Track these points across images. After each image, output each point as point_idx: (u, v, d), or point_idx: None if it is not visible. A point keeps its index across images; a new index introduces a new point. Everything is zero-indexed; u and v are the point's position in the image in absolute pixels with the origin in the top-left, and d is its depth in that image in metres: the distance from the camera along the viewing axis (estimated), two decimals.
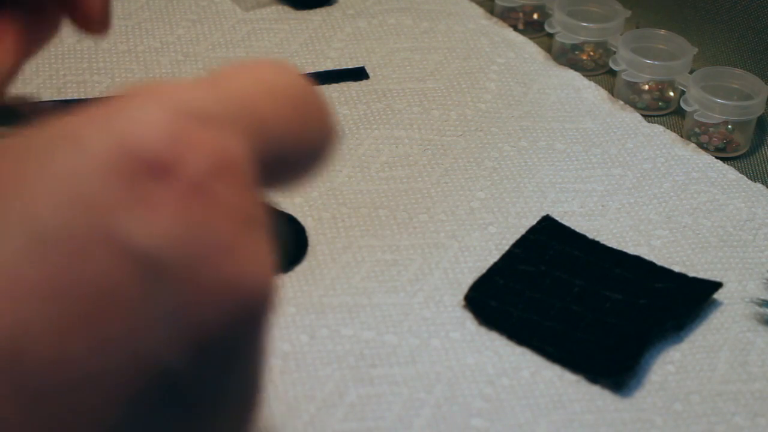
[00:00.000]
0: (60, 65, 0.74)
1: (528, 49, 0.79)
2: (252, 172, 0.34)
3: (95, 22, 0.45)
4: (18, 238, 0.30)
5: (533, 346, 0.57)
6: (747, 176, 0.70)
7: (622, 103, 0.75)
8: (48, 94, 0.71)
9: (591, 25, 0.78)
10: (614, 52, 0.76)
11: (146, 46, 0.77)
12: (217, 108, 0.34)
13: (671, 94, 0.76)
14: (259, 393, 0.35)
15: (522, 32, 0.81)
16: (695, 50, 0.76)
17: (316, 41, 0.78)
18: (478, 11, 0.83)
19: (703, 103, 0.72)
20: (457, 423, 0.53)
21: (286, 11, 0.81)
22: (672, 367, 0.57)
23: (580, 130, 0.72)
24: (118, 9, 0.79)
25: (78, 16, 0.45)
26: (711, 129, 0.72)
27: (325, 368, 0.55)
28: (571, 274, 0.61)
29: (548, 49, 0.79)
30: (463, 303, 0.59)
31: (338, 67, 0.76)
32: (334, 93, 0.73)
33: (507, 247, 0.62)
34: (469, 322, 0.59)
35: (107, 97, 0.33)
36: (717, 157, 0.71)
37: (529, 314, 0.58)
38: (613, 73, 0.77)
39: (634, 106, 0.75)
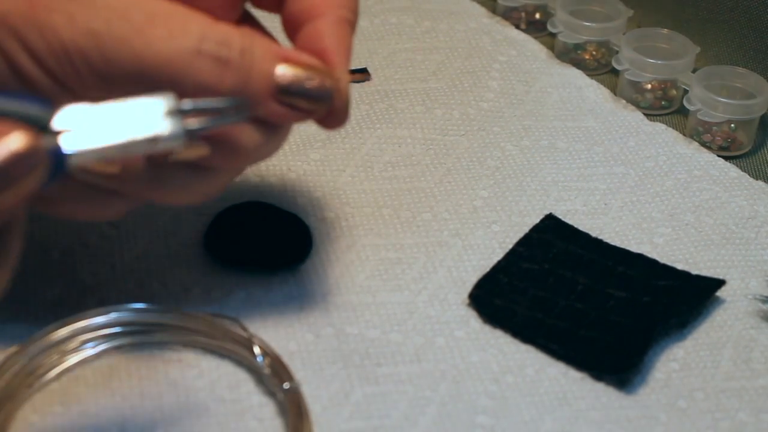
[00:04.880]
0: None
1: (530, 46, 0.79)
2: None
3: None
4: None
5: (538, 343, 0.57)
6: (749, 174, 0.70)
7: (623, 101, 0.75)
8: None
9: (593, 24, 0.78)
10: (617, 52, 0.77)
11: None
12: None
13: (674, 93, 0.76)
14: None
15: (524, 32, 0.81)
16: (698, 49, 0.76)
17: None
18: (480, 10, 0.83)
19: (706, 102, 0.72)
20: (462, 420, 0.54)
21: None
22: (676, 364, 0.57)
23: (582, 129, 0.72)
24: None
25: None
26: (714, 128, 0.72)
27: (330, 367, 0.56)
28: (575, 272, 0.61)
29: (551, 49, 0.80)
30: (467, 301, 0.60)
31: None
32: None
33: (511, 246, 0.63)
34: (473, 320, 0.59)
35: None
36: (720, 156, 0.71)
37: (534, 312, 0.59)
38: (615, 72, 0.77)
39: (637, 105, 0.75)
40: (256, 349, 0.54)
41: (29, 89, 0.47)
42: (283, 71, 0.50)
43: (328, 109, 0.52)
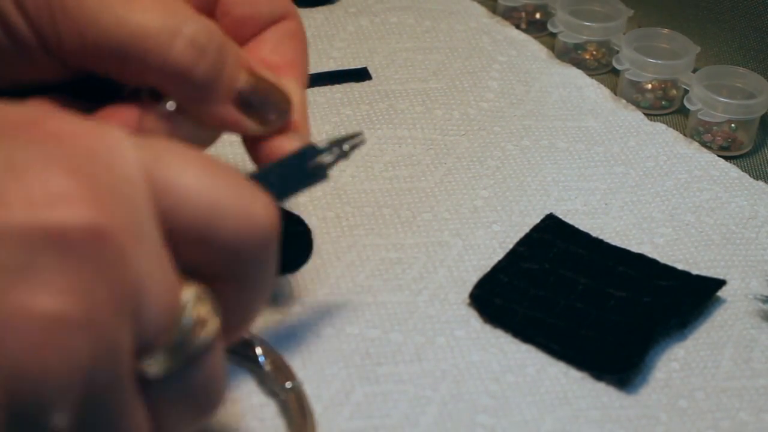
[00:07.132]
0: None
1: (530, 46, 0.79)
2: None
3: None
4: None
5: (538, 343, 0.57)
6: (750, 174, 0.70)
7: (624, 101, 0.75)
8: None
9: (594, 24, 0.78)
10: (617, 52, 0.77)
11: None
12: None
13: (674, 93, 0.76)
14: None
15: (524, 32, 0.81)
16: (698, 49, 0.76)
17: (318, 40, 0.78)
18: (480, 10, 0.83)
19: (706, 101, 0.72)
20: (463, 420, 0.54)
21: None
22: (676, 364, 0.57)
23: (583, 129, 0.72)
24: None
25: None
26: (714, 128, 0.72)
27: (330, 367, 0.56)
28: (575, 272, 0.61)
29: (551, 49, 0.80)
30: (467, 301, 0.60)
31: (341, 68, 0.76)
32: (337, 94, 0.73)
33: (511, 246, 0.63)
34: (474, 319, 0.59)
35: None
36: (720, 156, 0.71)
37: (534, 312, 0.59)
38: (616, 72, 0.77)
39: (637, 105, 0.75)
40: (258, 349, 0.54)
41: (13, 40, 0.48)
42: (247, 80, 0.51)
43: (281, 123, 0.53)
